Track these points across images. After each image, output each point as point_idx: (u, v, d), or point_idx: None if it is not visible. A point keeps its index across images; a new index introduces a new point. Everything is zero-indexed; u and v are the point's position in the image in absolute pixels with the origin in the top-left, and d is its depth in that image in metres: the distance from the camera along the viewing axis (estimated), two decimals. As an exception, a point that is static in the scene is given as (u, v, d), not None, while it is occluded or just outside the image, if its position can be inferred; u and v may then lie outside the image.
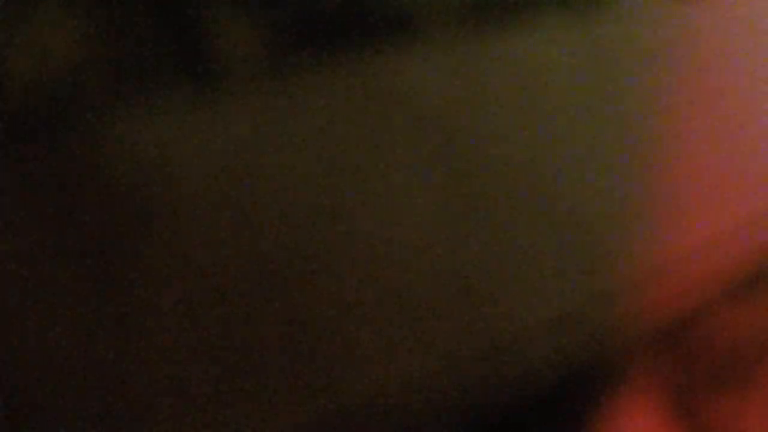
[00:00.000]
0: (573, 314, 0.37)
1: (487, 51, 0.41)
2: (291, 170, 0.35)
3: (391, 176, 0.37)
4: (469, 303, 0.35)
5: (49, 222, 0.30)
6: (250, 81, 0.36)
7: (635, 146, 0.43)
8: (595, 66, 0.44)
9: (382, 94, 0.38)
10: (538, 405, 0.38)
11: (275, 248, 0.33)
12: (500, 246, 0.37)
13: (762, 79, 0.50)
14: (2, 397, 0.27)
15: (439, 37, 0.41)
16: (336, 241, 0.34)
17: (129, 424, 0.28)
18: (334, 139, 0.36)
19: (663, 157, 0.44)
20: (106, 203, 0.31)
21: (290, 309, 0.32)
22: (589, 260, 0.39)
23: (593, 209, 0.40)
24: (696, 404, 0.43)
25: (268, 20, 0.37)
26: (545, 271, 0.38)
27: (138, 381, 0.29)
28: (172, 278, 0.31)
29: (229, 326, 0.31)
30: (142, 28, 0.35)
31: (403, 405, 0.33)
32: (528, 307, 0.36)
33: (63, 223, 0.30)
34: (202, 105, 0.34)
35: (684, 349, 0.43)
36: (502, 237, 0.38)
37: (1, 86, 0.32)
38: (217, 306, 0.31)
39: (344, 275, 0.34)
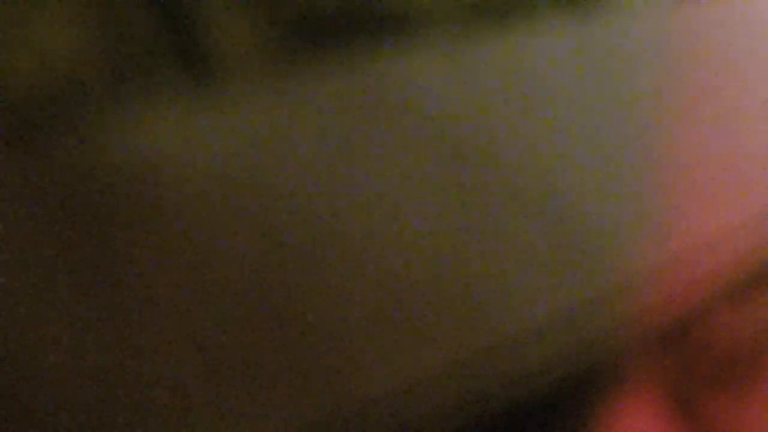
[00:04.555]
0: (573, 314, 0.37)
1: (487, 51, 0.41)
2: (290, 170, 0.35)
3: (389, 176, 0.37)
4: (468, 303, 0.35)
5: (48, 221, 0.30)
6: (250, 81, 0.36)
7: (635, 146, 0.43)
8: (595, 66, 0.44)
9: (382, 94, 0.38)
10: (538, 405, 0.38)
11: (274, 248, 0.33)
12: (499, 246, 0.37)
13: (762, 78, 0.50)
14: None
15: (439, 37, 0.41)
16: (335, 241, 0.34)
17: (127, 424, 0.28)
18: (333, 138, 0.36)
19: (663, 156, 0.44)
20: (105, 203, 0.31)
21: (289, 310, 0.32)
22: (589, 260, 0.39)
23: (593, 209, 0.40)
24: (696, 404, 0.43)
25: (268, 20, 0.37)
26: (545, 271, 0.38)
27: (135, 382, 0.29)
28: (171, 279, 0.31)
29: (228, 327, 0.31)
30: (141, 27, 0.35)
31: (402, 406, 0.33)
32: (527, 307, 0.36)
33: (62, 223, 0.30)
34: (201, 105, 0.34)
35: (684, 349, 0.43)
36: (501, 236, 0.38)
37: (1, 86, 0.32)
38: (217, 307, 0.31)
39: (342, 275, 0.34)
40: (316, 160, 0.36)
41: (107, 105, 0.33)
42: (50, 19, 0.33)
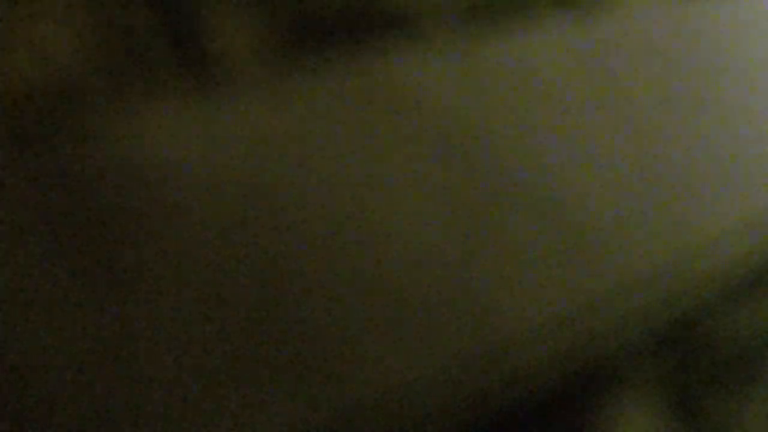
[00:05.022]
0: (573, 314, 0.37)
1: (487, 51, 0.41)
2: (290, 169, 0.35)
3: (390, 175, 0.37)
4: (469, 304, 0.35)
5: (48, 221, 0.30)
6: (250, 80, 0.36)
7: (635, 146, 0.43)
8: (595, 66, 0.44)
9: (382, 94, 0.38)
10: (538, 405, 0.38)
11: (275, 248, 0.33)
12: (500, 246, 0.37)
13: (762, 78, 0.50)
14: (1, 395, 0.27)
15: (439, 37, 0.41)
16: (336, 241, 0.34)
17: (127, 424, 0.28)
18: (333, 138, 0.36)
19: (663, 156, 0.44)
20: (105, 202, 0.31)
21: (291, 310, 0.32)
22: (589, 260, 0.39)
23: (593, 209, 0.40)
24: (696, 404, 0.43)
25: (268, 20, 0.37)
26: (545, 271, 0.38)
27: (136, 382, 0.29)
28: (172, 278, 0.31)
29: (230, 327, 0.31)
30: (142, 28, 0.35)
31: (403, 406, 0.33)
32: (528, 307, 0.36)
33: (62, 222, 0.30)
34: (201, 104, 0.34)
35: (684, 349, 0.43)
36: (501, 237, 0.38)
37: (1, 86, 0.32)
38: (217, 306, 0.31)
39: (345, 276, 0.34)
40: (317, 159, 0.36)
41: (107, 105, 0.33)
42: (50, 19, 0.33)
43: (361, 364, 0.32)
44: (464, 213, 0.37)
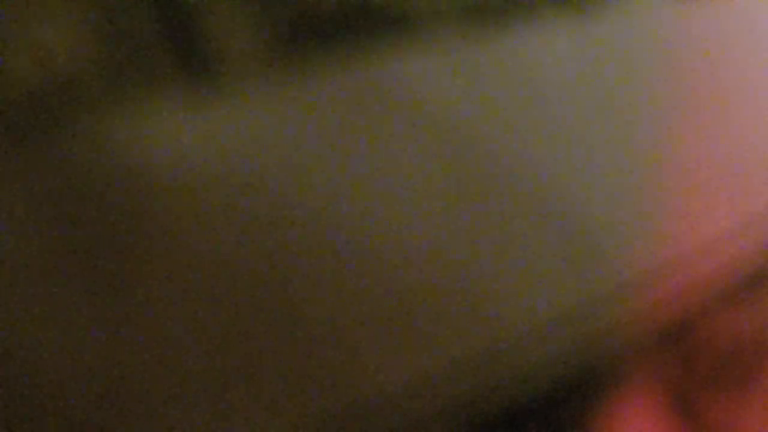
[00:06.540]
0: (573, 314, 0.37)
1: (487, 51, 0.41)
2: (290, 170, 0.35)
3: (389, 176, 0.37)
4: (468, 303, 0.35)
5: (47, 222, 0.30)
6: (250, 80, 0.36)
7: (635, 146, 0.43)
8: (595, 66, 0.44)
9: (382, 94, 0.38)
10: (538, 406, 0.38)
11: (274, 248, 0.33)
12: (500, 246, 0.37)
13: (762, 78, 0.50)
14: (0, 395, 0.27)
15: (439, 37, 0.41)
16: (335, 241, 0.34)
17: (127, 424, 0.28)
18: (333, 138, 0.36)
19: (663, 156, 0.44)
20: (105, 203, 0.31)
21: (289, 310, 0.32)
22: (589, 260, 0.39)
23: (593, 209, 0.40)
24: (696, 404, 0.43)
25: (268, 19, 0.37)
26: (545, 271, 0.38)
27: (136, 382, 0.29)
28: (172, 279, 0.31)
29: (229, 327, 0.31)
30: (141, 27, 0.35)
31: (402, 406, 0.33)
32: (527, 307, 0.36)
33: (62, 224, 0.30)
34: (201, 105, 0.34)
35: (684, 349, 0.43)
36: (501, 237, 0.38)
37: (1, 86, 0.32)
38: (217, 307, 0.31)
39: (343, 275, 0.34)
40: (317, 160, 0.36)
41: (107, 105, 0.33)
42: (50, 19, 0.33)
43: (360, 365, 0.32)
44: (464, 213, 0.37)
